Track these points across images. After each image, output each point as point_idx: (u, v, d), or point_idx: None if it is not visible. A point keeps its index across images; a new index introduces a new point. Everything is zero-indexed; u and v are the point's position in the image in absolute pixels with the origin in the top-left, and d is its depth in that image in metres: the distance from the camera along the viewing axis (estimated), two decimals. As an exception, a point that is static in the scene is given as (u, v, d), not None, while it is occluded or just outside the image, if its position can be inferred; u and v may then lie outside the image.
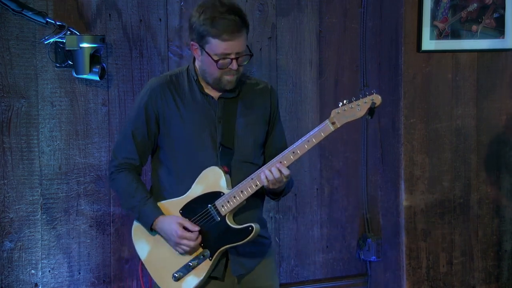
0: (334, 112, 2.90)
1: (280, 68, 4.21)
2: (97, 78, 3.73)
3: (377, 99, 2.85)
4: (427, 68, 4.29)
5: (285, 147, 3.06)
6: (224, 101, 3.06)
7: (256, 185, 2.94)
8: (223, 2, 2.94)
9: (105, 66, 3.77)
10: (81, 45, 3.65)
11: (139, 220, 3.09)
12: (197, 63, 3.07)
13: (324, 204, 4.36)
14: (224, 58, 2.94)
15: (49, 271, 3.80)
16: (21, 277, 3.74)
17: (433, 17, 4.23)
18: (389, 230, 4.39)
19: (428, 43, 4.24)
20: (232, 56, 2.94)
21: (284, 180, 2.95)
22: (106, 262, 3.90)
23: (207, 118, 3.05)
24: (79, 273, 3.85)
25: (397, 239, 4.34)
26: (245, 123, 3.07)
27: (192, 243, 2.98)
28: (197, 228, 2.99)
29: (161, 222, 3.03)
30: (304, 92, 4.28)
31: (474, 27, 4.32)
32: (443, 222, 4.38)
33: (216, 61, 2.93)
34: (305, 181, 4.29)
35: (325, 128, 2.91)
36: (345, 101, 2.89)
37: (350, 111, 2.88)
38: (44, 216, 3.77)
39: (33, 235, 3.76)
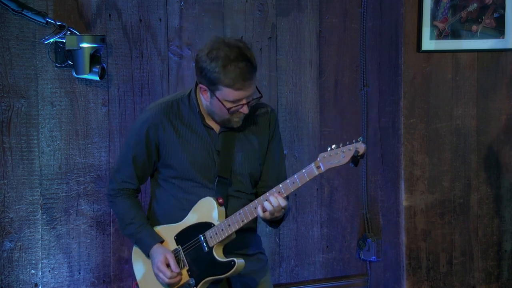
0: (320, 156, 2.92)
1: (280, 68, 4.21)
2: (97, 78, 3.73)
3: (360, 148, 2.85)
4: (427, 68, 4.29)
5: (283, 170, 3.15)
6: (224, 134, 3.09)
7: (243, 221, 2.98)
8: (232, 46, 2.91)
9: (105, 66, 3.77)
10: (81, 45, 3.65)
11: (137, 246, 3.19)
12: (203, 101, 3.05)
13: (324, 204, 4.36)
14: (236, 105, 2.95)
15: (49, 271, 3.80)
16: (21, 277, 3.74)
17: (433, 17, 4.23)
18: (389, 230, 4.39)
19: (428, 43, 4.24)
20: (244, 101, 2.95)
21: (280, 211, 2.96)
22: (106, 262, 3.90)
23: (206, 150, 3.07)
24: (79, 273, 3.85)
25: (397, 239, 4.34)
26: (243, 157, 3.10)
27: (166, 279, 3.05)
28: (176, 270, 3.05)
29: (154, 250, 3.10)
30: (304, 92, 4.28)
31: (474, 27, 4.32)
32: (443, 222, 4.38)
33: (228, 109, 2.95)
34: (305, 181, 4.29)
35: (310, 171, 2.93)
36: (333, 146, 2.91)
37: (335, 157, 2.89)
38: (44, 216, 3.77)
39: (33, 235, 3.76)
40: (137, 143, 3.10)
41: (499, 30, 4.37)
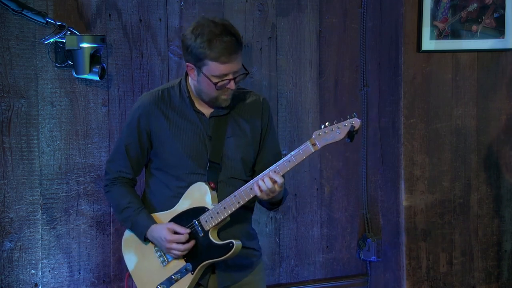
0: (315, 134, 2.94)
1: (280, 68, 4.21)
2: (97, 78, 3.73)
3: (356, 123, 2.87)
4: (427, 68, 4.29)
5: (279, 156, 3.12)
6: (215, 119, 3.09)
7: (239, 203, 2.99)
8: (217, 23, 2.95)
9: (105, 66, 3.77)
10: (81, 45, 3.65)
11: (132, 230, 3.16)
12: (191, 82, 3.08)
13: (324, 204, 4.36)
14: (222, 80, 2.96)
15: (49, 271, 3.80)
16: (21, 277, 3.74)
17: (433, 17, 4.23)
18: (389, 230, 4.39)
19: (428, 43, 4.24)
20: (230, 76, 2.97)
21: (277, 189, 2.96)
22: (106, 262, 3.90)
23: (197, 135, 3.08)
24: (79, 273, 3.85)
25: (397, 239, 4.34)
26: (234, 143, 3.11)
27: (181, 246, 3.02)
28: (187, 230, 3.03)
29: (152, 231, 3.09)
30: (304, 92, 4.28)
31: (474, 27, 4.32)
32: (443, 222, 4.38)
33: (215, 83, 2.96)
34: (305, 181, 4.30)
35: (306, 149, 2.94)
36: (327, 123, 2.93)
37: (331, 133, 2.91)
38: (44, 216, 3.77)
39: (33, 235, 3.76)
40: (129, 133, 3.13)
41: (499, 30, 4.37)
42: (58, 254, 3.81)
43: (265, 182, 2.94)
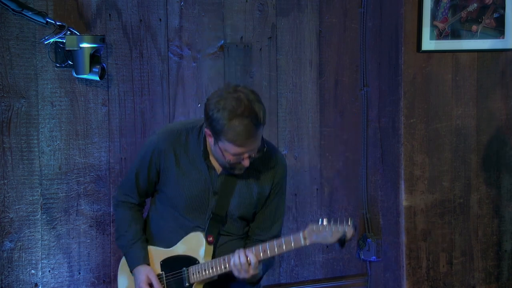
0: (309, 228, 2.92)
1: (280, 68, 4.21)
2: (97, 78, 3.72)
3: (349, 232, 2.86)
4: (427, 68, 4.29)
5: (279, 221, 3.14)
6: (225, 176, 3.09)
7: (225, 267, 3.00)
8: (241, 99, 2.87)
9: (105, 66, 3.77)
10: (81, 45, 3.65)
11: (125, 258, 3.24)
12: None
13: (324, 204, 4.36)
14: (236, 158, 2.95)
15: (49, 271, 3.80)
16: (21, 277, 3.74)
17: (433, 17, 4.23)
18: (389, 230, 4.39)
19: (428, 43, 4.24)
20: (246, 155, 2.94)
21: (251, 272, 2.96)
22: (106, 262, 3.90)
23: (203, 187, 3.09)
24: (79, 273, 3.85)
25: (397, 239, 4.34)
26: (238, 202, 3.11)
27: None
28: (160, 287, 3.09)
29: (137, 270, 3.15)
30: (304, 92, 4.27)
31: (474, 27, 4.32)
32: (443, 222, 4.38)
33: (228, 161, 2.95)
34: (305, 181, 4.29)
35: (297, 239, 2.94)
36: (325, 220, 2.91)
37: (324, 233, 2.89)
38: (44, 216, 3.77)
39: (33, 235, 3.75)
40: (141, 163, 3.18)
41: (499, 30, 4.37)
42: (58, 254, 3.81)
43: (240, 259, 2.94)
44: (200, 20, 4.01)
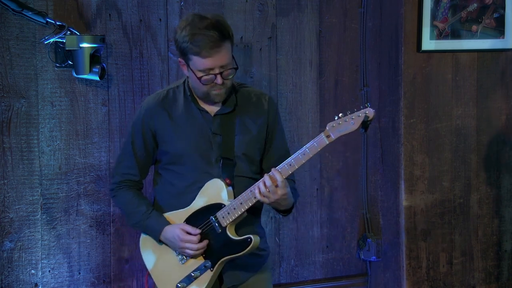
0: (329, 125, 2.92)
1: (280, 68, 4.21)
2: (97, 78, 3.73)
3: (369, 112, 2.85)
4: (427, 68, 4.29)
5: (287, 155, 3.07)
6: (220, 117, 3.08)
7: (255, 197, 2.97)
8: (203, 17, 2.92)
9: (105, 66, 3.77)
10: (81, 45, 3.65)
11: (146, 233, 3.16)
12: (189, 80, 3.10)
13: (324, 204, 4.36)
14: (207, 74, 2.95)
15: (49, 271, 3.80)
16: (21, 277, 3.74)
17: (433, 17, 4.23)
18: (389, 230, 4.39)
19: (428, 43, 4.24)
20: (216, 71, 2.94)
21: (279, 192, 2.94)
22: (106, 262, 3.90)
23: (201, 132, 3.08)
24: (79, 273, 3.85)
25: (397, 239, 4.34)
26: (242, 140, 3.10)
27: (194, 246, 3.01)
28: (198, 231, 3.02)
29: (165, 232, 3.08)
30: (304, 92, 4.28)
31: (474, 27, 4.32)
32: (443, 222, 4.38)
33: (200, 78, 2.95)
34: (305, 181, 4.30)
35: (320, 141, 2.94)
36: (340, 114, 2.90)
37: (345, 124, 2.89)
38: (44, 216, 3.77)
39: (33, 235, 3.76)
40: (135, 133, 3.13)
41: (499, 30, 4.37)
42: (58, 254, 3.81)
43: (266, 182, 2.92)
44: (200, 20, 4.01)
